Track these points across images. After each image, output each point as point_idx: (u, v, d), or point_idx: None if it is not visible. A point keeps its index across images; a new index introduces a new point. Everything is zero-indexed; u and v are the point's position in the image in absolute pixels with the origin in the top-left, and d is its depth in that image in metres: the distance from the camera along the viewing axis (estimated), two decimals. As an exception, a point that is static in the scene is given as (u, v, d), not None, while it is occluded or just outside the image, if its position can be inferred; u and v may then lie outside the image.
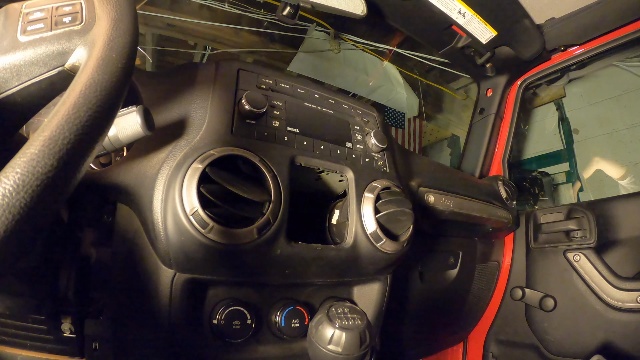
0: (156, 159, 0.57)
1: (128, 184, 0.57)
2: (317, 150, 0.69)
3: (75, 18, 0.37)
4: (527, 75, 1.42)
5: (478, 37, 1.15)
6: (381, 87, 2.28)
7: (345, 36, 1.99)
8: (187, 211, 0.52)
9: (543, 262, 1.28)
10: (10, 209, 0.22)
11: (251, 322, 0.62)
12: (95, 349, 0.64)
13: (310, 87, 0.76)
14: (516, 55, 1.26)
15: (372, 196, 0.69)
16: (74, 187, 0.27)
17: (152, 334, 0.59)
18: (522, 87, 1.44)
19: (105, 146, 0.49)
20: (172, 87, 0.63)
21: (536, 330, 1.27)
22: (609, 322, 1.11)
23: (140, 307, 0.60)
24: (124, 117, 0.47)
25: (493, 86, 1.44)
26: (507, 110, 1.46)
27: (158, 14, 2.10)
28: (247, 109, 0.62)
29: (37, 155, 0.24)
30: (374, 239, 0.68)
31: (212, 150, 0.56)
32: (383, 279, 0.78)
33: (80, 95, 0.27)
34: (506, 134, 1.46)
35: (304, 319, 0.67)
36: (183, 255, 0.54)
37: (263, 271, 0.62)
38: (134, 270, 0.60)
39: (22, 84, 0.35)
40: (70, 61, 0.36)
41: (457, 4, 1.02)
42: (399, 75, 2.33)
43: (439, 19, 1.06)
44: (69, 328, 0.63)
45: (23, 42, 0.36)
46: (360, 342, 0.56)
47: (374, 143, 0.77)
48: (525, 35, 1.20)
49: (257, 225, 0.56)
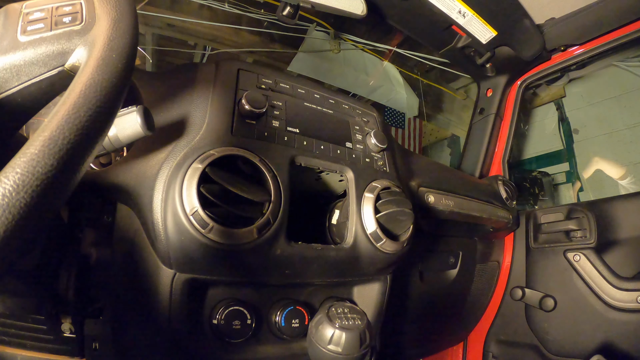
0: (156, 159, 0.57)
1: (128, 184, 0.57)
2: (317, 150, 0.69)
3: (75, 18, 0.37)
4: (527, 75, 1.42)
5: (478, 37, 1.15)
6: (381, 87, 2.28)
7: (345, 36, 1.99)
8: (187, 211, 0.52)
9: (543, 262, 1.28)
10: (10, 209, 0.22)
11: (251, 322, 0.62)
12: (95, 349, 0.64)
13: (310, 87, 0.76)
14: (516, 55, 1.26)
15: (372, 196, 0.69)
16: (74, 187, 0.27)
17: (152, 334, 0.59)
18: (522, 87, 1.44)
19: (105, 146, 0.49)
20: (172, 87, 0.63)
21: (536, 330, 1.27)
22: (609, 322, 1.11)
23: (140, 307, 0.60)
24: (124, 117, 0.47)
25: (493, 86, 1.44)
26: (507, 110, 1.46)
27: (158, 14, 2.10)
28: (247, 109, 0.62)
29: (37, 155, 0.24)
30: (374, 239, 0.68)
31: (212, 150, 0.56)
32: (383, 279, 0.78)
33: (81, 95, 0.27)
34: (506, 134, 1.46)
35: (304, 319, 0.67)
36: (183, 255, 0.54)
37: (263, 271, 0.62)
38: (134, 270, 0.60)
39: (22, 84, 0.35)
40: (70, 61, 0.36)
41: (457, 4, 1.02)
42: (399, 75, 2.33)
43: (439, 19, 1.06)
44: (69, 328, 0.63)
45: (23, 42, 0.36)
46: (360, 342, 0.56)
47: (374, 143, 0.77)
48: (525, 35, 1.20)
49: (257, 225, 0.56)
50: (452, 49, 1.22)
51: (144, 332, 0.60)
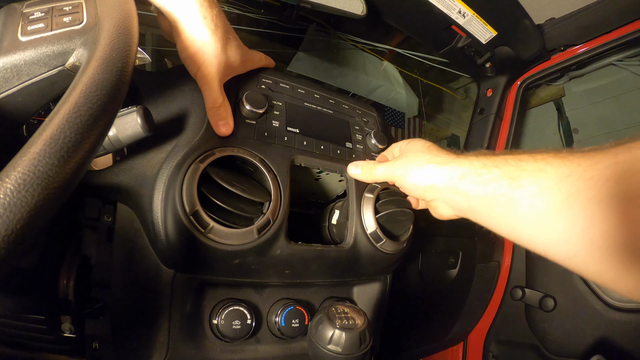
0: (156, 159, 0.57)
1: (128, 184, 0.57)
2: (317, 150, 0.69)
3: (75, 18, 0.37)
4: (527, 75, 1.42)
5: (478, 37, 1.15)
6: (381, 87, 2.28)
7: (345, 36, 1.99)
8: (187, 211, 0.52)
9: (543, 262, 1.28)
10: (11, 208, 0.22)
11: (251, 322, 0.62)
12: (95, 349, 0.64)
13: (310, 87, 0.76)
14: (516, 55, 1.26)
15: (372, 196, 0.69)
16: (74, 187, 0.27)
17: (152, 334, 0.59)
18: (522, 87, 1.44)
19: (105, 146, 0.48)
20: (172, 87, 0.63)
21: (536, 330, 1.27)
22: (609, 322, 1.11)
23: (140, 307, 0.60)
24: (124, 117, 0.47)
25: (493, 86, 1.44)
26: (507, 110, 1.46)
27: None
28: (247, 109, 0.62)
29: (38, 154, 0.24)
30: (374, 239, 0.68)
31: (213, 150, 0.56)
32: (383, 279, 0.78)
33: (81, 94, 0.27)
34: (506, 134, 1.46)
35: (304, 319, 0.67)
36: (183, 255, 0.54)
37: (263, 271, 0.62)
38: (134, 270, 0.60)
39: (22, 84, 0.35)
40: (70, 61, 0.36)
41: (457, 4, 1.02)
42: (398, 75, 2.33)
43: (439, 19, 1.06)
44: (69, 328, 0.63)
45: (23, 42, 0.36)
46: (360, 342, 0.56)
47: (373, 143, 0.77)
48: (525, 35, 1.20)
49: (257, 225, 0.56)
50: (452, 49, 1.22)
51: (144, 332, 0.60)
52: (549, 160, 0.44)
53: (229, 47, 0.58)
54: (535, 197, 0.43)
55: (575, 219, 0.39)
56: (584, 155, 0.41)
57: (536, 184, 0.43)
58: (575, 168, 0.40)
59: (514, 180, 0.45)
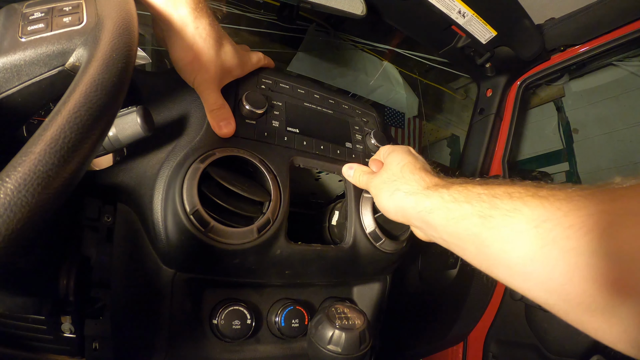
0: (156, 159, 0.57)
1: (128, 184, 0.57)
2: (316, 151, 0.69)
3: (75, 18, 0.37)
4: (527, 75, 1.42)
5: (478, 37, 1.15)
6: (381, 87, 2.28)
7: (345, 36, 1.99)
8: (188, 210, 0.52)
9: (543, 262, 1.27)
10: (12, 208, 0.22)
11: (251, 322, 0.62)
12: (95, 349, 0.64)
13: (310, 87, 0.76)
14: (516, 55, 1.26)
15: (371, 196, 0.69)
16: (74, 186, 0.27)
17: (152, 334, 0.59)
18: (522, 87, 1.44)
19: (105, 146, 0.49)
20: (172, 87, 0.63)
21: (536, 330, 1.27)
22: (609, 322, 1.11)
23: (140, 307, 0.60)
24: (124, 117, 0.47)
25: (493, 86, 1.44)
26: (507, 111, 1.46)
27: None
28: (247, 109, 0.62)
29: (38, 154, 0.24)
30: (373, 239, 0.68)
31: (213, 151, 0.56)
32: (383, 278, 0.78)
33: (81, 94, 0.27)
34: (506, 134, 1.46)
35: (303, 319, 0.67)
36: (183, 255, 0.54)
37: (263, 271, 0.62)
38: (134, 270, 0.60)
39: (22, 84, 0.35)
40: (70, 61, 0.36)
41: (457, 4, 1.02)
42: (398, 75, 2.33)
43: (439, 19, 1.06)
44: (69, 328, 0.63)
45: (23, 42, 0.36)
46: (360, 342, 0.56)
47: (373, 143, 0.77)
48: (525, 35, 1.20)
49: (257, 224, 0.56)
50: (452, 49, 1.22)
51: (144, 332, 0.60)
52: (525, 200, 0.39)
53: (223, 53, 0.59)
54: (507, 242, 0.39)
55: (552, 272, 0.34)
56: (566, 197, 0.36)
57: (509, 227, 0.39)
58: (555, 212, 0.35)
59: (486, 220, 0.41)
